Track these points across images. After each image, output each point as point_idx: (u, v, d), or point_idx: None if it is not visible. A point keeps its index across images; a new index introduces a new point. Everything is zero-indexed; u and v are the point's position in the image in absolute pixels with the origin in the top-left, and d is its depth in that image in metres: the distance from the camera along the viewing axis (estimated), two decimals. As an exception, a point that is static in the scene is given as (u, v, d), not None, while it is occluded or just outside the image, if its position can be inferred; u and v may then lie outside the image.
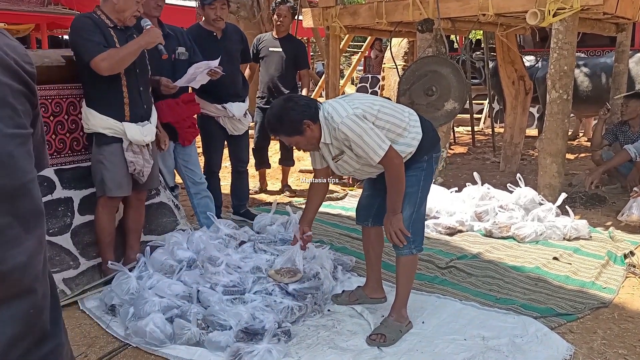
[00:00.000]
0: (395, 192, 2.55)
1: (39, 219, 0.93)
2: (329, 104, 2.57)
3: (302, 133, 2.51)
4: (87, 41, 2.87)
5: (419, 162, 2.63)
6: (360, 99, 2.62)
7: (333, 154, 2.59)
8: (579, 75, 6.77)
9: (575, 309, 2.86)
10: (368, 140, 2.44)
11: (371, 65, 13.81)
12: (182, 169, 3.85)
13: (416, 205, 2.62)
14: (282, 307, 2.69)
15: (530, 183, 4.73)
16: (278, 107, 2.55)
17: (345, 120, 2.44)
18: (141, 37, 3.00)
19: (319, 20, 5.74)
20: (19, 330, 0.87)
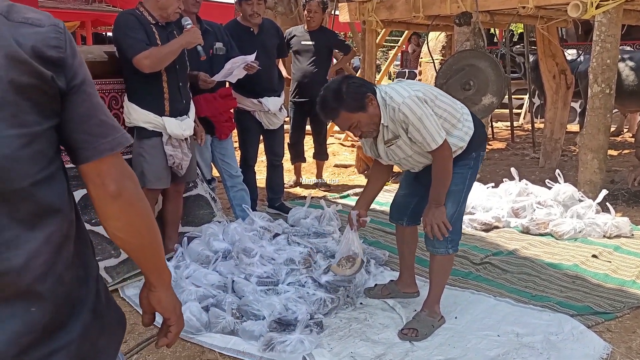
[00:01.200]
0: (441, 184, 2.48)
1: (48, 218, 0.88)
2: (385, 86, 2.49)
3: (365, 108, 2.37)
4: (131, 38, 2.95)
5: (467, 158, 2.57)
6: (416, 84, 2.57)
7: (386, 137, 2.48)
8: (624, 69, 6.55)
9: (613, 308, 2.80)
10: (428, 124, 2.36)
11: (408, 59, 13.71)
12: (219, 162, 3.92)
13: (459, 204, 2.59)
14: (315, 299, 2.73)
15: (570, 179, 4.63)
16: (336, 84, 2.42)
17: (407, 101, 2.35)
18: (182, 37, 3.08)
19: (355, 15, 5.73)
20: (19, 328, 0.86)
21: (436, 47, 7.45)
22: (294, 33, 5.14)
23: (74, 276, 0.94)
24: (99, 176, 0.95)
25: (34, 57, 0.84)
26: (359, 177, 5.98)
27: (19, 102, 0.83)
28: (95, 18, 12.85)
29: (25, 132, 0.84)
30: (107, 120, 0.95)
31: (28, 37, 0.85)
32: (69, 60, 0.90)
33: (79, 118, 0.92)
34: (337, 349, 2.45)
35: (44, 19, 0.90)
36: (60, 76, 0.88)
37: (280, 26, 5.16)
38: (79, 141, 0.93)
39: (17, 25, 0.86)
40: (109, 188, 0.95)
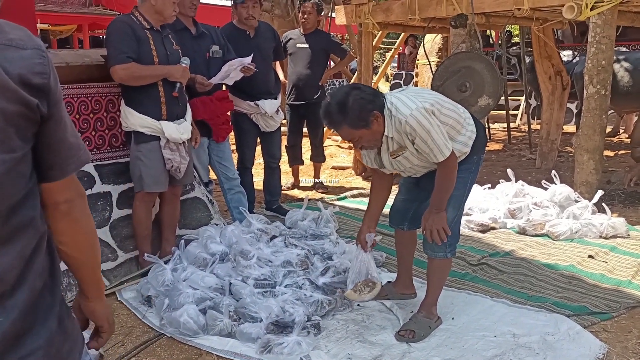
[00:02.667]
0: (444, 191, 2.45)
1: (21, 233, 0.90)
2: (392, 95, 2.40)
3: (369, 125, 2.30)
4: (114, 48, 2.99)
5: (468, 163, 2.56)
6: (421, 92, 2.53)
7: (392, 148, 2.42)
8: (620, 70, 6.58)
9: (610, 308, 2.81)
10: (436, 137, 2.31)
11: (405, 62, 13.73)
12: (216, 165, 3.93)
13: (459, 208, 2.59)
14: (312, 301, 2.73)
15: (567, 180, 4.65)
16: (343, 95, 2.29)
17: (415, 113, 2.28)
18: (171, 69, 3.10)
19: (351, 17, 5.75)
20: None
21: (432, 49, 7.47)
22: (290, 36, 5.15)
23: (42, 285, 0.95)
24: (56, 193, 0.99)
25: (21, 85, 0.85)
26: (356, 179, 5.99)
27: (6, 129, 0.83)
28: (92, 21, 12.83)
29: (10, 157, 0.85)
30: (74, 142, 0.98)
31: (14, 64, 0.86)
32: (52, 86, 0.92)
33: (54, 143, 0.94)
34: (335, 351, 2.46)
35: (26, 39, 0.90)
36: (44, 102, 0.90)
37: (278, 29, 5.18)
38: (49, 162, 0.95)
39: (2, 48, 0.86)
40: (60, 207, 1.00)
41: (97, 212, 3.23)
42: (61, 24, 12.85)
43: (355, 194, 5.20)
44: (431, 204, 2.51)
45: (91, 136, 3.27)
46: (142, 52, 3.02)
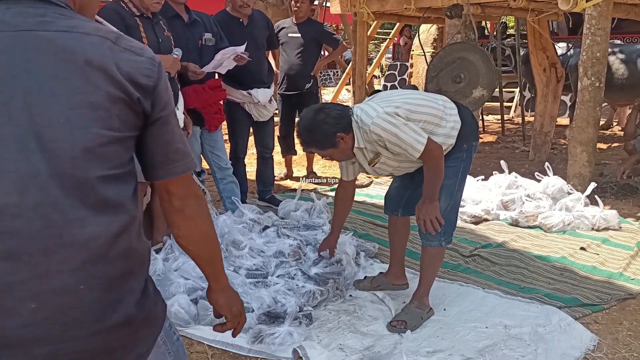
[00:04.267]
0: (433, 181, 2.47)
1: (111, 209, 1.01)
2: (358, 107, 2.47)
3: (336, 146, 2.41)
4: None
5: (458, 151, 2.56)
6: (389, 96, 2.56)
7: (368, 158, 2.50)
8: (614, 63, 6.58)
9: (601, 300, 2.82)
10: (404, 136, 2.35)
11: (400, 52, 13.69)
12: (209, 155, 3.89)
13: (453, 197, 2.59)
14: (304, 292, 2.72)
15: (560, 172, 4.65)
16: (309, 120, 2.43)
17: (376, 120, 2.35)
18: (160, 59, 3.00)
19: (346, 7, 5.71)
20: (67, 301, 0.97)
21: (428, 39, 7.45)
22: (282, 25, 5.11)
23: (123, 267, 1.03)
24: (168, 193, 1.15)
25: (127, 79, 1.01)
26: (349, 170, 5.96)
27: (110, 109, 0.99)
28: (84, 8, 12.71)
29: (108, 134, 0.99)
30: (182, 148, 1.13)
31: (126, 63, 1.02)
32: (158, 90, 1.06)
33: (162, 144, 1.09)
34: (326, 341, 2.45)
35: (146, 51, 1.08)
36: (147, 100, 1.04)
37: (272, 18, 5.13)
38: (156, 162, 1.10)
39: (121, 50, 1.03)
40: (174, 204, 1.15)
41: (87, 200, 3.19)
42: (53, 10, 12.69)
43: (349, 185, 5.17)
44: (423, 194, 2.53)
45: (82, 124, 3.22)
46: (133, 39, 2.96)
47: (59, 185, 0.95)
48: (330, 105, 2.54)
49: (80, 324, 0.97)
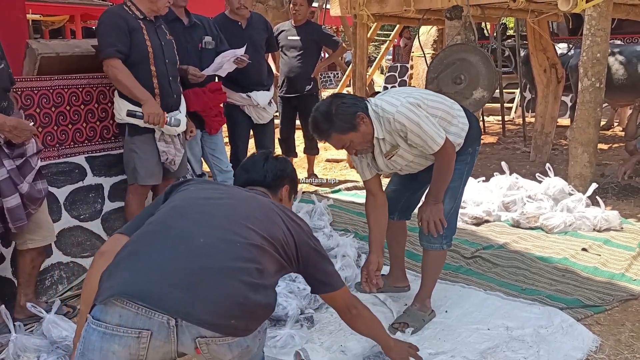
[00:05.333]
0: (442, 181, 2.45)
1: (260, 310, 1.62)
2: (375, 98, 2.44)
3: (356, 128, 2.32)
4: (103, 41, 2.93)
5: (463, 154, 2.55)
6: (406, 90, 2.54)
7: (385, 150, 2.44)
8: (614, 63, 6.58)
9: (603, 301, 2.81)
10: (426, 128, 2.32)
11: (400, 54, 13.70)
12: (209, 157, 3.90)
13: (456, 200, 2.58)
14: (306, 294, 2.72)
15: (561, 173, 4.65)
16: (326, 105, 2.35)
17: (401, 109, 2.31)
18: (147, 100, 2.95)
19: (346, 9, 5.70)
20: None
21: (427, 41, 7.44)
22: (281, 28, 5.12)
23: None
24: (339, 300, 1.96)
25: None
26: (350, 172, 5.97)
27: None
28: (84, 12, 12.73)
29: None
30: (332, 270, 1.94)
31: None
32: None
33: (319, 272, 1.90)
34: (328, 344, 2.45)
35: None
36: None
37: (271, 20, 5.14)
38: (321, 280, 1.90)
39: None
40: (352, 310, 1.99)
41: (88, 204, 3.20)
42: (53, 14, 12.73)
43: (350, 187, 5.18)
44: (428, 194, 2.52)
45: (82, 128, 3.23)
46: (136, 42, 2.96)
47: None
48: (343, 93, 2.49)
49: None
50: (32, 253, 2.58)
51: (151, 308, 1.42)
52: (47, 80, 3.05)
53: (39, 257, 2.64)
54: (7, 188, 2.33)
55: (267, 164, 2.02)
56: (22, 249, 2.55)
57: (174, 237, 1.58)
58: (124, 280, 1.48)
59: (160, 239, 1.58)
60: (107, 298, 1.45)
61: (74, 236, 3.08)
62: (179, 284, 1.47)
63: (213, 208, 1.68)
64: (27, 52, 3.09)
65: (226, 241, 1.58)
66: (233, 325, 1.50)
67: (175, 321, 1.43)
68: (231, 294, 1.51)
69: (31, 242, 2.54)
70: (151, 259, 1.52)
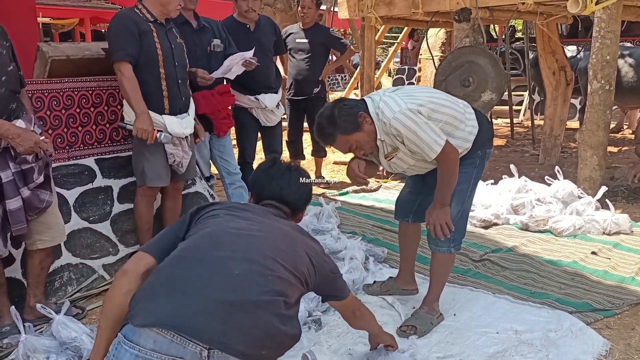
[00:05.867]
0: (447, 185, 2.44)
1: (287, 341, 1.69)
2: (380, 98, 2.41)
3: (361, 127, 2.35)
4: (114, 44, 2.95)
5: (472, 157, 2.53)
6: (414, 91, 2.51)
7: (386, 151, 2.45)
8: (624, 66, 6.54)
9: (613, 305, 2.79)
10: (423, 135, 2.31)
11: (408, 56, 13.69)
12: (217, 160, 3.91)
13: (464, 203, 2.56)
14: (313, 296, 2.71)
15: (570, 176, 4.62)
16: (329, 109, 2.39)
17: (398, 116, 2.30)
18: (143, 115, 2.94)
19: (354, 11, 5.72)
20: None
21: (436, 43, 7.43)
22: (289, 31, 5.14)
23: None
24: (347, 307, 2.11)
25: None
26: (358, 174, 5.95)
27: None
28: (94, 15, 12.82)
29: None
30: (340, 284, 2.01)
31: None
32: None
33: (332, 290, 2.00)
34: (336, 346, 2.44)
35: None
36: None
37: (280, 23, 5.16)
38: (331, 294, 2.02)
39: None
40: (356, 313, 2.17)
41: (97, 206, 3.22)
42: (63, 17, 12.83)
43: (357, 190, 5.18)
44: (435, 198, 2.51)
45: (92, 130, 3.25)
46: (146, 45, 2.98)
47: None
48: (344, 98, 2.54)
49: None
50: (41, 254, 2.60)
51: (187, 338, 1.46)
52: (57, 83, 3.08)
53: (48, 258, 2.66)
54: (12, 190, 2.36)
55: (303, 188, 2.05)
56: (32, 249, 2.58)
57: (209, 267, 1.61)
58: (163, 309, 1.51)
59: (196, 268, 1.61)
60: (148, 326, 1.47)
61: (83, 238, 3.10)
62: (215, 314, 1.50)
63: (245, 239, 1.71)
64: (38, 55, 3.11)
65: (259, 274, 1.62)
66: (264, 355, 1.57)
67: (208, 352, 1.46)
68: (264, 326, 1.56)
69: (40, 242, 2.56)
70: (188, 288, 1.55)
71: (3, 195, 2.35)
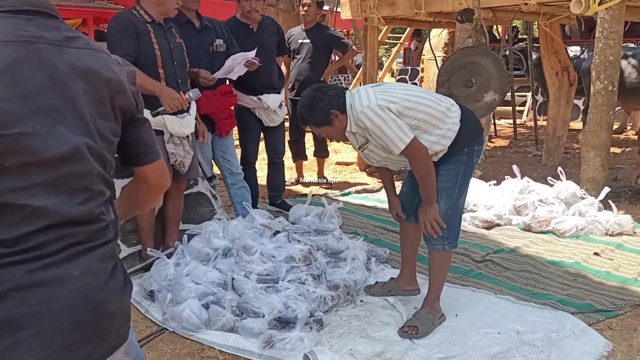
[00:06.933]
0: (425, 183, 2.49)
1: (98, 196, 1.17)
2: (357, 90, 2.53)
3: (330, 123, 2.49)
4: (112, 44, 2.96)
5: (457, 155, 2.55)
6: (392, 88, 2.56)
7: (359, 142, 2.54)
8: (627, 67, 6.52)
9: (615, 306, 2.79)
10: (387, 131, 2.39)
11: (411, 57, 13.67)
12: (220, 160, 3.91)
13: (453, 200, 2.56)
14: (315, 297, 2.72)
15: (573, 177, 4.61)
16: (307, 98, 2.53)
17: (365, 110, 2.40)
18: (161, 90, 2.97)
19: (357, 12, 5.71)
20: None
21: (438, 44, 7.41)
22: (292, 33, 5.15)
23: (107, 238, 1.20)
24: (145, 175, 1.35)
25: (128, 86, 1.20)
26: (360, 175, 5.97)
27: (117, 119, 1.18)
28: (97, 15, 12.82)
29: (116, 140, 1.18)
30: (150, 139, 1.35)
31: (122, 74, 1.19)
32: (140, 95, 1.26)
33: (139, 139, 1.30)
34: (337, 347, 2.45)
35: (123, 60, 1.25)
36: (139, 106, 1.26)
37: (282, 23, 5.15)
38: (137, 152, 1.30)
39: (115, 63, 1.19)
40: (150, 183, 1.36)
41: (100, 206, 3.22)
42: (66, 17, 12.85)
43: (360, 190, 5.18)
44: (422, 198, 2.56)
45: (94, 130, 3.25)
46: (143, 45, 2.99)
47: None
48: (329, 85, 2.65)
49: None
50: None
51: None
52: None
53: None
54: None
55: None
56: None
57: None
58: None
59: None
60: None
61: (85, 237, 3.09)
62: None
63: None
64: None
65: None
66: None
67: None
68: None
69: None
70: None
71: None
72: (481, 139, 2.66)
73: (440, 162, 2.56)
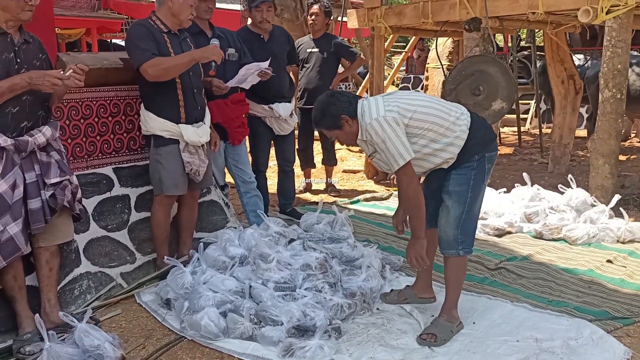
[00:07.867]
0: (411, 214, 2.59)
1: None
2: (368, 100, 2.58)
3: (341, 128, 2.56)
4: (137, 48, 2.99)
5: (469, 161, 2.56)
6: (402, 97, 2.58)
7: (370, 150, 2.59)
8: (631, 74, 6.55)
9: (631, 313, 2.79)
10: (390, 146, 2.44)
11: (413, 65, 13.71)
12: (232, 168, 3.93)
13: (466, 204, 2.57)
14: (332, 305, 2.72)
15: (580, 184, 4.62)
16: (321, 102, 2.62)
17: (373, 123, 2.45)
18: (197, 51, 3.11)
19: (364, 21, 5.75)
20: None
21: (443, 52, 7.46)
22: (300, 43, 5.19)
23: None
24: None
25: None
26: (368, 182, 5.98)
27: None
28: (100, 25, 12.88)
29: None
30: None
31: None
32: None
33: None
34: (357, 354, 2.45)
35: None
36: None
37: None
38: None
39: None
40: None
41: (115, 214, 3.23)
42: (70, 27, 12.90)
43: (368, 198, 5.19)
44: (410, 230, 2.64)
45: (109, 139, 3.28)
46: (161, 54, 3.02)
47: None
48: (342, 92, 2.70)
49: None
50: (46, 254, 2.61)
51: None
52: (76, 93, 3.10)
53: (53, 258, 2.66)
54: (34, 190, 2.47)
55: None
56: (35, 246, 2.59)
57: None
58: None
59: None
60: None
61: (101, 246, 3.11)
62: None
63: None
64: (58, 65, 3.13)
65: None
66: None
67: None
68: None
69: (43, 240, 2.59)
70: None
71: (26, 195, 2.44)
72: (493, 145, 2.68)
73: (452, 167, 2.60)
